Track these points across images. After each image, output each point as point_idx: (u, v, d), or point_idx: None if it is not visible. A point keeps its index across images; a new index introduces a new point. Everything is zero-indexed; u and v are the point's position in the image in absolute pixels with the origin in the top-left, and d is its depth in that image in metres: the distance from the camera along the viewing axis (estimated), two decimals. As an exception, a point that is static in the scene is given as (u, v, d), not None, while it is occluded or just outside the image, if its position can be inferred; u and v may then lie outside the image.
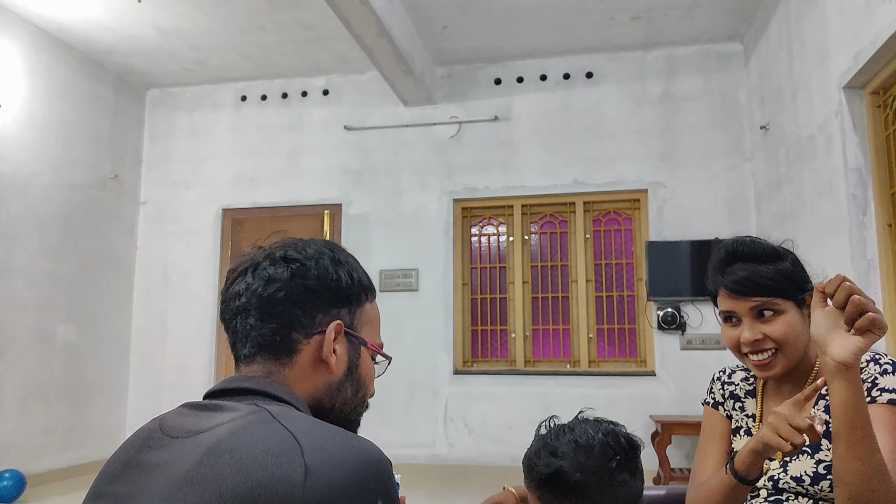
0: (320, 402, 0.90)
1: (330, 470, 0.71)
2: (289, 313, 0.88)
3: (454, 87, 5.99)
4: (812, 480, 1.30)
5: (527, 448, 1.25)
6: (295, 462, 0.70)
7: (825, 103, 3.87)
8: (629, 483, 1.16)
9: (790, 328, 1.33)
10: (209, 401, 0.84)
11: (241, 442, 0.73)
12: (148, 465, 0.78)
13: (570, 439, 1.16)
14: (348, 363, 0.92)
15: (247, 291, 0.90)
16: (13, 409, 4.98)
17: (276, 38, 5.52)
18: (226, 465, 0.71)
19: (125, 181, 6.22)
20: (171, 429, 0.81)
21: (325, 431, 0.76)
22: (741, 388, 1.51)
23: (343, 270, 0.93)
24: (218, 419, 0.78)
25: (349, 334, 0.92)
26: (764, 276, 1.34)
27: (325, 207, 6.06)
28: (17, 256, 5.07)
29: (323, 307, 0.90)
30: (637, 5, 5.03)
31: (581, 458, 1.14)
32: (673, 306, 5.29)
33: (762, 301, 1.34)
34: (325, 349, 0.89)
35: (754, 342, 1.34)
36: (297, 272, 0.89)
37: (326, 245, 0.96)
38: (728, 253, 1.40)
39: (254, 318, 0.89)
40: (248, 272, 0.91)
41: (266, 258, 0.92)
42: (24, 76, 5.19)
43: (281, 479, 0.69)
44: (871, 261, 3.49)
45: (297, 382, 0.88)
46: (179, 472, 0.73)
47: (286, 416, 0.77)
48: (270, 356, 0.88)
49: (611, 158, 5.63)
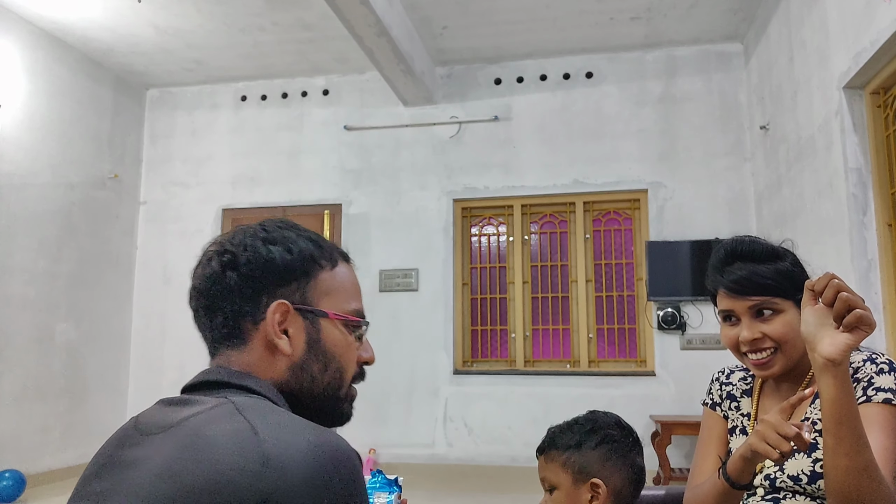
0: (288, 386, 0.88)
1: (288, 459, 0.70)
2: (230, 305, 0.87)
3: (454, 87, 5.99)
4: (809, 479, 1.30)
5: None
6: (253, 452, 0.70)
7: (825, 103, 3.87)
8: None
9: (789, 328, 1.33)
10: (182, 395, 0.85)
11: (202, 435, 0.73)
12: (124, 463, 0.79)
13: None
14: (307, 340, 0.89)
15: (193, 291, 0.91)
16: (12, 409, 4.97)
17: (276, 38, 5.52)
18: (188, 459, 0.71)
19: (125, 181, 6.22)
20: (145, 425, 0.82)
21: (286, 422, 0.75)
22: (738, 387, 1.52)
23: (278, 248, 0.89)
24: (185, 413, 0.79)
25: (301, 310, 0.89)
26: (763, 276, 1.34)
27: (325, 207, 6.05)
28: (16, 256, 5.06)
29: (266, 290, 0.88)
30: (637, 5, 5.03)
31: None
32: (673, 306, 5.29)
33: (761, 300, 1.34)
34: (269, 332, 0.87)
35: (753, 341, 1.35)
36: (227, 263, 0.88)
37: (261, 225, 0.93)
38: (727, 252, 1.40)
39: (202, 315, 0.90)
40: (195, 271, 0.92)
41: (206, 255, 0.92)
42: (24, 76, 5.19)
43: (240, 469, 0.69)
44: (871, 261, 3.49)
45: (260, 369, 0.87)
46: (151, 468, 0.74)
47: (251, 407, 0.77)
48: (228, 348, 0.88)
49: (611, 158, 5.63)
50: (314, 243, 0.93)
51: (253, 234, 0.91)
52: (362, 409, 7.03)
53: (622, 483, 1.34)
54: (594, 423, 1.39)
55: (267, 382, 0.86)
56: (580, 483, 1.33)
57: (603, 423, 1.38)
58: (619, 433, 1.37)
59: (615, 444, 1.36)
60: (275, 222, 0.94)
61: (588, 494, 1.33)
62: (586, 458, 1.34)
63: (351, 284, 0.97)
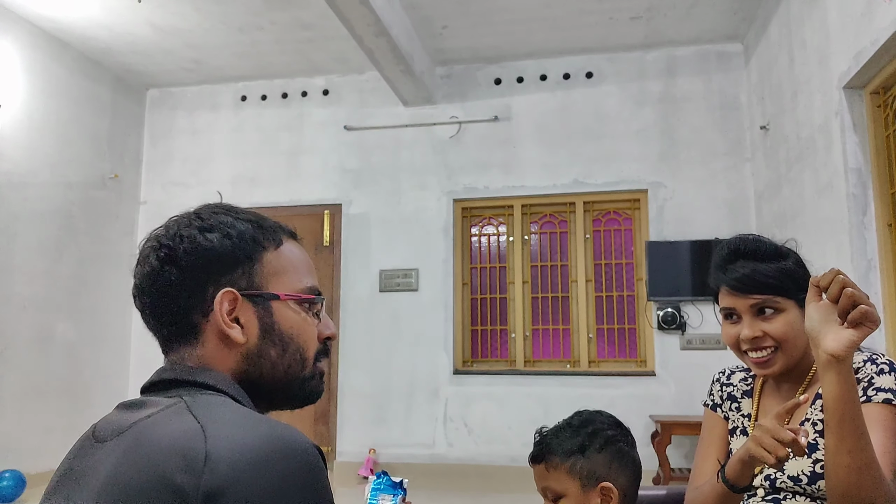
0: (247, 375, 0.85)
1: (232, 454, 0.67)
2: (175, 301, 0.84)
3: (454, 87, 5.99)
4: (809, 480, 1.30)
5: (529, 450, 1.40)
6: (196, 449, 0.68)
7: (825, 103, 3.87)
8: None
9: (790, 327, 1.33)
10: (139, 397, 0.83)
11: (149, 438, 0.72)
12: (78, 474, 0.77)
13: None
14: (260, 325, 0.85)
15: (135, 290, 0.88)
16: (13, 409, 4.97)
17: (276, 37, 5.52)
18: (133, 464, 0.70)
19: (125, 181, 6.22)
20: (101, 432, 0.80)
21: (237, 419, 0.73)
22: (739, 388, 1.52)
23: (215, 234, 0.85)
24: (138, 416, 0.77)
25: (249, 296, 0.85)
26: (765, 274, 1.34)
27: (325, 207, 6.05)
28: (16, 255, 5.06)
29: (211, 280, 0.84)
30: (637, 5, 5.03)
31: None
32: (673, 306, 5.29)
33: (763, 299, 1.34)
34: (220, 323, 0.83)
35: (753, 339, 1.35)
36: (165, 258, 0.85)
37: (196, 213, 0.89)
38: (730, 251, 1.40)
39: (149, 314, 0.87)
40: (136, 267, 0.89)
41: (143, 251, 0.88)
42: (23, 75, 5.19)
43: (182, 468, 0.67)
44: (871, 261, 3.49)
45: (215, 362, 0.84)
46: (100, 478, 0.72)
47: (202, 405, 0.75)
48: (181, 344, 0.85)
49: (611, 158, 5.62)
50: (254, 224, 0.89)
51: (188, 223, 0.87)
52: (362, 408, 7.06)
53: (628, 483, 1.33)
54: (592, 424, 1.35)
55: (224, 375, 0.84)
56: (589, 489, 1.30)
57: (601, 424, 1.36)
58: (618, 432, 1.36)
59: (618, 444, 1.34)
60: (210, 208, 0.90)
61: (598, 499, 1.29)
62: (593, 463, 1.30)
63: (300, 261, 0.93)
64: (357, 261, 5.81)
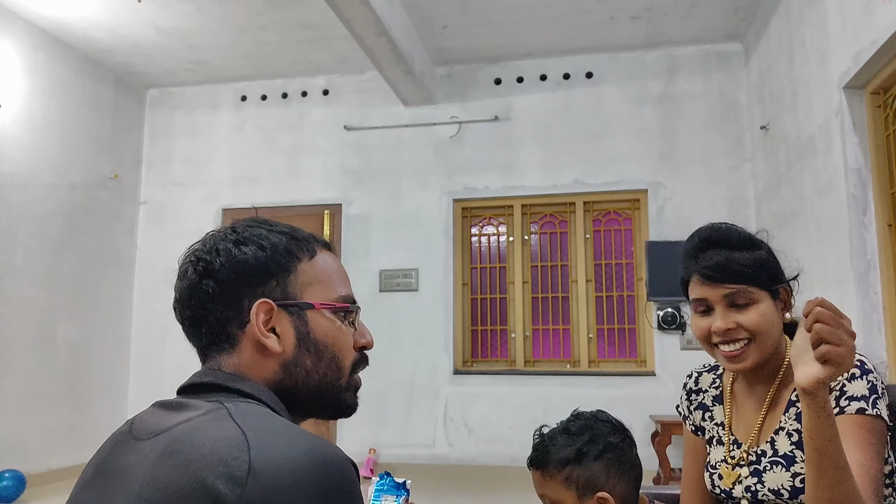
0: (282, 384, 0.87)
1: (276, 468, 0.68)
2: (212, 313, 0.86)
3: (454, 87, 5.99)
4: (790, 494, 1.26)
5: (529, 450, 1.37)
6: (240, 460, 0.68)
7: (825, 103, 3.87)
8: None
9: (764, 318, 1.27)
10: (177, 398, 0.84)
11: (191, 442, 0.72)
12: (114, 470, 0.78)
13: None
14: (296, 335, 0.87)
15: (175, 303, 0.90)
16: (13, 409, 4.97)
17: (276, 37, 5.52)
18: (174, 467, 0.70)
19: (125, 181, 6.22)
20: (138, 430, 0.81)
21: (279, 429, 0.74)
22: (709, 395, 1.47)
23: (249, 246, 0.87)
24: (178, 418, 0.78)
25: (284, 306, 0.87)
26: (739, 263, 1.28)
27: (325, 207, 6.05)
28: (17, 256, 5.06)
29: (246, 292, 0.86)
30: (637, 5, 5.03)
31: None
32: (673, 306, 5.29)
33: (736, 288, 1.27)
34: (256, 334, 0.85)
35: (727, 331, 1.28)
36: (203, 272, 0.87)
37: (231, 227, 0.91)
38: (702, 239, 1.34)
39: (188, 326, 0.89)
40: (175, 284, 0.91)
41: (183, 265, 0.90)
42: (24, 76, 5.19)
43: (224, 477, 0.67)
44: (871, 261, 3.49)
45: (251, 371, 0.86)
46: (139, 477, 0.73)
47: (244, 413, 0.76)
48: (218, 353, 0.88)
49: (611, 158, 5.62)
50: (288, 236, 0.91)
51: (224, 237, 0.89)
52: (363, 408, 7.11)
53: (627, 488, 1.30)
54: (591, 430, 1.31)
55: (260, 385, 0.85)
56: (586, 498, 1.27)
57: (600, 431, 1.31)
58: (618, 438, 1.31)
59: (616, 450, 1.29)
60: (245, 222, 0.92)
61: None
62: (590, 472, 1.27)
63: (334, 271, 0.94)
64: (357, 261, 5.81)
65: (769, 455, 1.30)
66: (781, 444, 1.30)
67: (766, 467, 1.30)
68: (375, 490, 1.38)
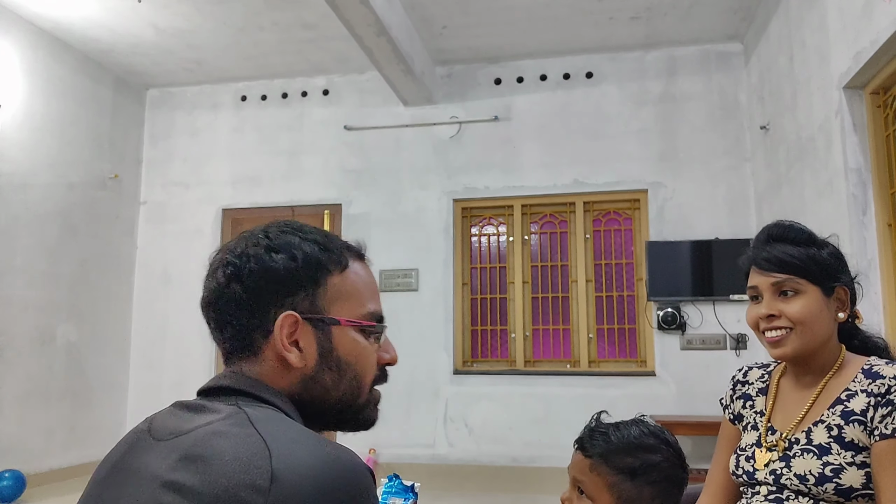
0: (299, 397, 0.85)
1: (298, 477, 0.68)
2: (238, 319, 0.85)
3: (454, 87, 5.99)
4: (817, 481, 1.28)
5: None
6: (262, 468, 0.68)
7: (825, 103, 3.87)
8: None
9: (807, 310, 1.33)
10: (196, 400, 0.84)
11: (212, 448, 0.72)
12: (131, 470, 0.77)
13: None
14: (319, 350, 0.85)
15: (202, 303, 0.89)
16: (13, 409, 4.97)
17: (276, 37, 5.52)
18: (195, 473, 0.70)
19: (125, 181, 6.22)
20: (157, 430, 0.80)
21: (299, 437, 0.74)
22: (754, 386, 1.51)
23: (282, 255, 0.85)
24: (198, 421, 0.77)
25: (310, 319, 0.85)
26: (790, 255, 1.35)
27: (325, 207, 6.05)
28: (17, 256, 5.06)
29: (273, 301, 0.84)
30: (637, 5, 5.03)
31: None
32: (673, 306, 5.29)
33: (784, 278, 1.35)
34: (278, 346, 0.83)
35: (769, 317, 1.35)
36: (232, 276, 0.85)
37: (264, 232, 0.89)
38: (766, 234, 1.43)
39: (213, 328, 0.88)
40: (204, 282, 0.90)
41: (213, 265, 0.89)
42: (23, 76, 5.19)
43: (247, 485, 0.67)
44: (871, 261, 3.49)
45: (272, 380, 0.85)
46: (156, 479, 0.73)
47: (264, 419, 0.75)
48: (240, 359, 0.86)
49: (611, 158, 5.62)
50: (321, 247, 0.88)
51: (256, 242, 0.87)
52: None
53: None
54: (657, 453, 1.23)
55: (280, 393, 0.84)
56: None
57: (663, 459, 1.23)
58: (680, 474, 1.24)
59: (671, 485, 1.23)
60: (279, 227, 0.90)
61: None
62: (638, 493, 1.20)
63: (365, 285, 0.92)
64: (357, 261, 5.80)
65: (802, 443, 1.34)
66: (818, 435, 1.33)
67: (796, 454, 1.33)
68: (384, 492, 1.37)
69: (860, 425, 1.28)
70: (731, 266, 1.52)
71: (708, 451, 4.87)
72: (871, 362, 1.34)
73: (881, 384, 1.28)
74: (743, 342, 5.18)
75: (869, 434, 1.26)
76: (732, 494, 1.47)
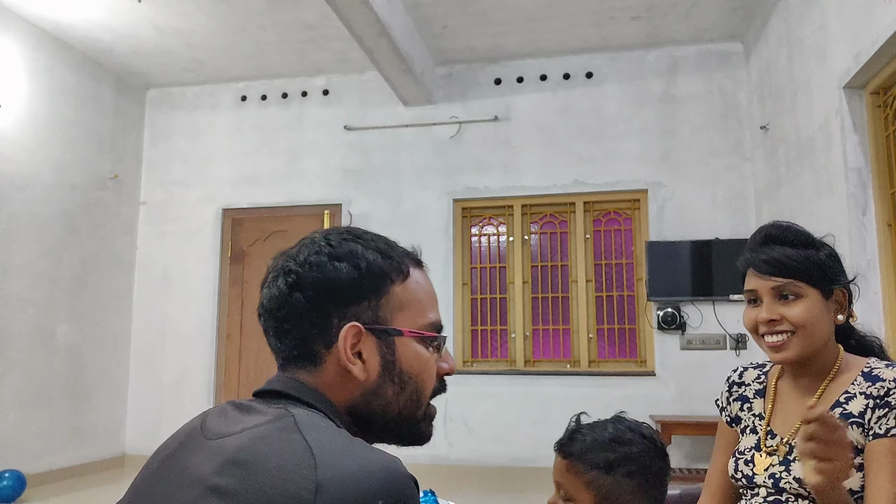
0: (357, 410, 0.84)
1: (343, 488, 0.67)
2: (299, 328, 0.83)
3: (454, 87, 5.99)
4: None
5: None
6: (307, 478, 0.67)
7: (825, 103, 3.87)
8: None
9: (808, 314, 1.31)
10: (248, 400, 0.83)
11: (256, 454, 0.71)
12: (179, 467, 0.77)
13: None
14: (381, 362, 0.84)
15: (261, 309, 0.87)
16: (13, 409, 4.97)
17: (276, 37, 5.52)
18: (239, 478, 0.70)
19: (125, 181, 6.22)
20: (208, 429, 0.80)
21: (345, 445, 0.72)
22: (751, 388, 1.50)
23: (345, 264, 0.84)
24: (245, 423, 0.77)
25: (373, 330, 0.84)
26: (790, 258, 1.33)
27: (325, 207, 6.05)
28: (17, 256, 5.06)
29: (335, 311, 0.83)
30: (637, 5, 5.03)
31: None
32: (673, 306, 5.29)
33: (784, 282, 1.33)
34: (342, 358, 0.82)
35: (770, 322, 1.33)
36: (294, 284, 0.83)
37: (326, 239, 0.87)
38: (763, 235, 1.40)
39: (271, 336, 0.86)
40: (264, 286, 0.88)
41: (273, 271, 0.87)
42: (24, 76, 5.19)
43: (291, 495, 0.67)
44: (870, 261, 3.49)
45: (331, 391, 0.83)
46: (201, 481, 0.73)
47: (310, 424, 0.74)
48: (298, 368, 0.85)
49: (611, 158, 5.62)
50: (383, 255, 0.87)
51: (318, 250, 0.85)
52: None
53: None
54: (632, 445, 1.22)
55: (328, 400, 0.83)
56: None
57: (642, 449, 1.23)
58: (657, 464, 1.23)
59: (650, 475, 1.21)
60: (340, 234, 0.88)
61: None
62: (616, 486, 1.19)
63: (425, 294, 0.90)
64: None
65: None
66: None
67: (796, 457, 1.32)
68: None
69: (858, 427, 1.27)
70: (731, 266, 1.50)
71: (707, 451, 4.88)
72: (871, 365, 1.34)
73: (881, 387, 1.27)
74: (743, 342, 5.18)
75: (866, 435, 1.26)
76: (731, 496, 1.47)
